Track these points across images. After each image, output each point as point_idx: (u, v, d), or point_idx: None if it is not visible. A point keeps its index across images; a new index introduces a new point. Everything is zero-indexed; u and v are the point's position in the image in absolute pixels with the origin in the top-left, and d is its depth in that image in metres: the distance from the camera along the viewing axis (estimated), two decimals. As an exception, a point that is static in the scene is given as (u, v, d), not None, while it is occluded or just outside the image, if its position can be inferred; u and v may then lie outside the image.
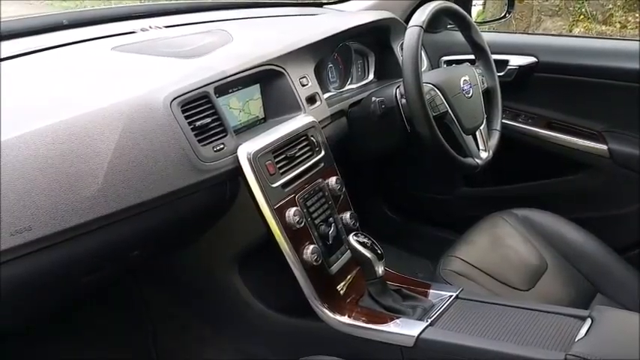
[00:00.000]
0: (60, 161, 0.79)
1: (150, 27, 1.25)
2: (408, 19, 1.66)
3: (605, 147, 1.56)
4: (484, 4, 2.22)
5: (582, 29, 4.74)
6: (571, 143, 1.62)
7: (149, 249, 1.03)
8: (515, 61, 1.64)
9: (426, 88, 1.23)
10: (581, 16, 4.78)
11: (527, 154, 1.68)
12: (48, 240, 0.77)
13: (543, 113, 1.67)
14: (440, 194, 1.90)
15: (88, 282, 0.93)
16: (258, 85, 1.20)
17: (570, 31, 4.75)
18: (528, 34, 3.91)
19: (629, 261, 1.39)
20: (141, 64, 1.04)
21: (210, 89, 1.02)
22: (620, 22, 4.65)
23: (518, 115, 1.69)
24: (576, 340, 0.86)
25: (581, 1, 4.75)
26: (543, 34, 3.86)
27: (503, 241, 1.38)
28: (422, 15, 1.22)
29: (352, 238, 1.05)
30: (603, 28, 4.70)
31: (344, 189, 1.19)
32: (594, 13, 4.72)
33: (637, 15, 4.55)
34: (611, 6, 4.63)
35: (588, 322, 0.90)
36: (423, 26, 1.21)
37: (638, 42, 1.55)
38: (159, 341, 1.33)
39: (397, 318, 1.02)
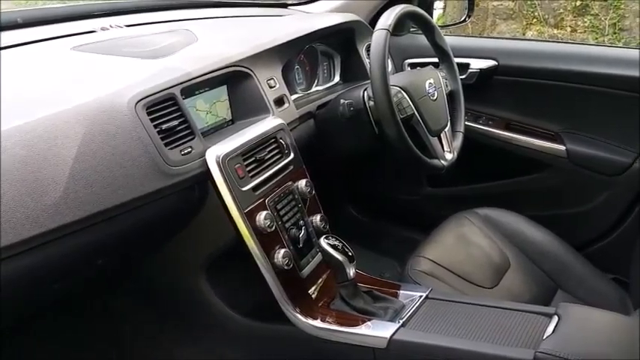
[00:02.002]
0: (19, 168, 0.75)
1: (110, 26, 1.21)
2: (372, 22, 1.68)
3: (562, 147, 1.61)
4: (444, 8, 2.26)
5: (535, 32, 4.90)
6: (530, 144, 1.66)
7: (115, 256, 1.00)
8: (476, 64, 1.68)
9: (393, 90, 1.23)
10: (534, 20, 4.94)
11: (489, 155, 1.72)
12: (7, 251, 0.74)
13: (503, 115, 1.71)
14: (405, 195, 1.92)
15: (53, 292, 0.89)
16: (225, 87, 1.18)
17: (524, 34, 4.90)
18: (488, 37, 4.02)
19: (587, 257, 1.44)
20: (103, 64, 1.01)
21: (177, 91, 0.99)
22: (570, 26, 4.82)
23: (479, 117, 1.73)
24: (544, 337, 0.88)
25: (533, 6, 4.90)
26: (503, 38, 3.97)
27: (468, 240, 1.40)
28: (388, 19, 1.23)
29: (323, 241, 1.04)
30: (555, 31, 4.86)
31: (313, 191, 1.18)
32: (546, 17, 4.87)
33: (586, 19, 4.73)
34: (562, 10, 4.80)
35: (555, 319, 0.92)
36: (390, 30, 1.21)
37: (593, 46, 1.60)
38: (127, 348, 1.29)
39: (369, 320, 1.02)
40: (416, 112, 1.28)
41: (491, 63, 1.66)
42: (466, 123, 1.60)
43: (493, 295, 1.27)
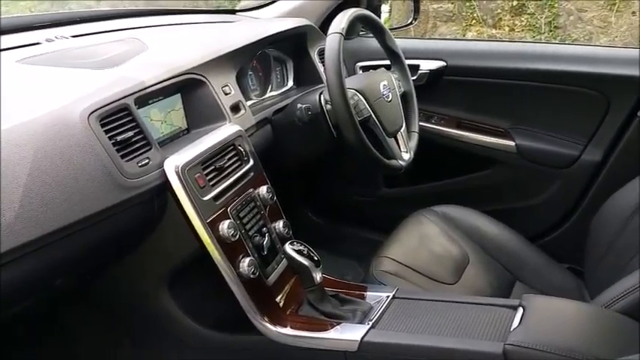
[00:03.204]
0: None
1: (56, 37, 1.16)
2: (322, 26, 1.69)
3: (512, 143, 1.66)
4: (390, 12, 2.30)
5: (475, 33, 5.04)
6: (481, 141, 1.71)
7: (74, 275, 0.96)
8: (426, 65, 1.71)
9: (349, 93, 1.24)
10: (473, 21, 5.08)
11: (442, 154, 1.75)
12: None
13: (454, 114, 1.75)
14: (362, 196, 1.93)
15: (7, 316, 0.84)
16: (179, 95, 1.15)
17: (464, 35, 5.04)
18: (436, 39, 4.13)
19: (542, 248, 1.49)
20: (52, 76, 0.96)
21: (130, 101, 0.97)
22: (508, 26, 4.99)
23: (431, 117, 1.76)
24: (511, 329, 0.90)
25: (472, 7, 5.05)
26: (451, 39, 4.08)
27: (428, 238, 1.42)
28: (341, 22, 1.23)
29: (288, 247, 1.03)
30: (494, 31, 5.03)
31: (275, 198, 1.17)
32: (485, 17, 5.03)
33: (523, 19, 4.91)
34: (499, 11, 4.96)
35: (520, 310, 0.94)
36: (343, 33, 1.22)
37: (534, 44, 1.66)
38: None
39: (338, 324, 1.02)
40: (372, 114, 1.29)
41: (440, 64, 1.70)
42: (419, 123, 1.63)
43: (456, 291, 1.29)
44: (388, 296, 1.09)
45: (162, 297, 1.12)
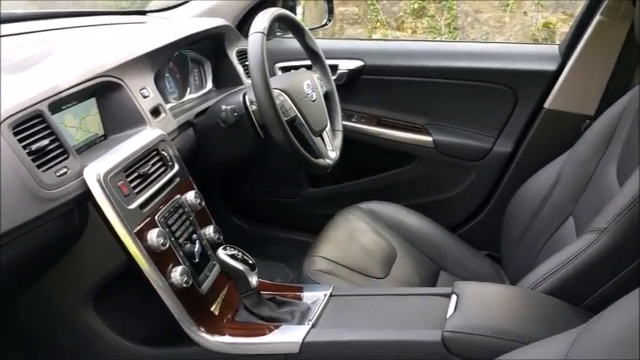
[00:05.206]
0: None
1: (-48, 41, 1.06)
2: (238, 27, 1.66)
3: (429, 138, 1.72)
4: (303, 13, 2.31)
5: (380, 35, 5.20)
6: (400, 138, 1.76)
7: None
8: (345, 65, 1.74)
9: (275, 93, 1.23)
10: (378, 24, 5.24)
11: (364, 151, 1.79)
12: None
13: (373, 112, 1.78)
14: (286, 198, 1.92)
15: None
16: (93, 100, 1.09)
17: (370, 37, 5.18)
18: (354, 39, 4.21)
19: (461, 237, 1.56)
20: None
21: (44, 106, 0.90)
22: (410, 28, 5.20)
23: (352, 116, 1.79)
24: (448, 316, 0.93)
25: (376, 10, 5.20)
26: (368, 39, 4.16)
27: (356, 235, 1.44)
28: (262, 22, 1.22)
29: (222, 253, 1.01)
30: (397, 33, 5.21)
31: (203, 203, 1.13)
32: (389, 20, 5.20)
33: (424, 21, 5.13)
34: (402, 13, 5.15)
35: (454, 298, 0.98)
36: (265, 32, 1.21)
37: (447, 43, 1.73)
38: None
39: (277, 327, 1.01)
40: (298, 114, 1.29)
41: (358, 63, 1.73)
42: (341, 122, 1.64)
43: (387, 284, 1.32)
44: (325, 295, 1.09)
45: (87, 315, 1.05)
